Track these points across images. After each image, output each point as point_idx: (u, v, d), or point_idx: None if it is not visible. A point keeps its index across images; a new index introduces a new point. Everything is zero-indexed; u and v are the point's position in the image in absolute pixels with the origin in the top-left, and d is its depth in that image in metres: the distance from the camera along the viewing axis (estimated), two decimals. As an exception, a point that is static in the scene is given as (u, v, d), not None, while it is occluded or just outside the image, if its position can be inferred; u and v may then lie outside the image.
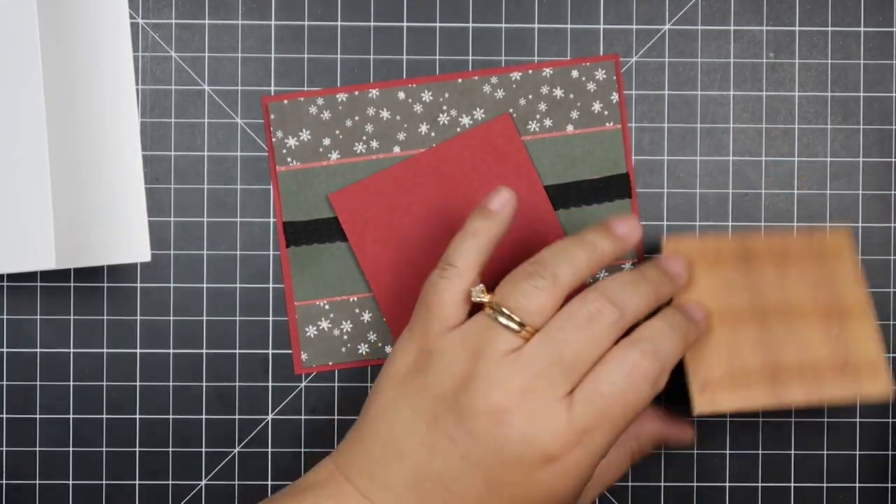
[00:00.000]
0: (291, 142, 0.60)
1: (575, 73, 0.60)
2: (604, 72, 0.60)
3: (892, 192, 0.61)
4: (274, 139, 0.60)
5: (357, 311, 0.60)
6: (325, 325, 0.60)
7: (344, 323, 0.60)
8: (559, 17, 0.60)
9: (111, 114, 0.59)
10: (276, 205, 0.60)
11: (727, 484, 0.61)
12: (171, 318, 0.60)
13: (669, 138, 0.60)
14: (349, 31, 0.60)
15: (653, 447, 0.58)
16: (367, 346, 0.60)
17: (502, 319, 0.51)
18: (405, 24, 0.60)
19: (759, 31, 0.60)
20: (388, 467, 0.52)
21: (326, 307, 0.60)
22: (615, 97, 0.60)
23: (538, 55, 0.60)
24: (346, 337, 0.60)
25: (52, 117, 0.55)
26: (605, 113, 0.60)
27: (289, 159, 0.60)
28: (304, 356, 0.60)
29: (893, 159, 0.61)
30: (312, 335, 0.60)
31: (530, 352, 0.51)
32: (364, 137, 0.60)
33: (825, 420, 0.61)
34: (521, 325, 0.51)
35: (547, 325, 0.51)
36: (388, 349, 0.60)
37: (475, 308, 0.54)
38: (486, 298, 0.52)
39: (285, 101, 0.60)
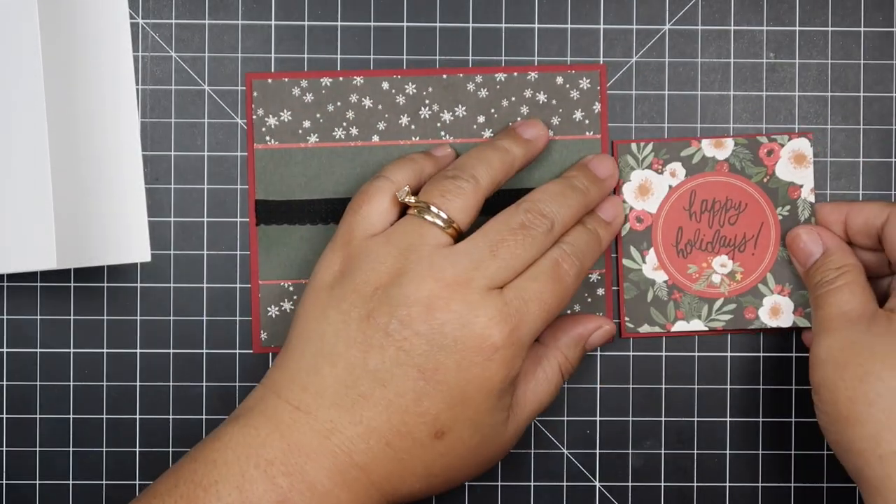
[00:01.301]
0: (271, 121, 0.60)
1: (559, 80, 0.60)
2: (588, 81, 0.60)
3: (893, 192, 0.61)
4: (254, 116, 0.60)
5: None
6: (287, 306, 0.60)
7: None
8: (559, 17, 0.60)
9: (111, 114, 0.59)
10: (249, 182, 0.60)
11: (727, 484, 0.61)
12: (171, 318, 0.60)
13: (669, 137, 0.60)
14: (349, 31, 0.60)
15: (580, 353, 0.58)
16: None
17: (429, 217, 0.54)
18: (405, 24, 0.60)
19: (759, 31, 0.60)
20: (321, 374, 0.52)
21: (290, 289, 0.60)
22: (597, 107, 0.60)
23: (538, 55, 0.60)
24: None
25: (53, 117, 0.55)
26: (586, 122, 0.60)
27: (267, 138, 0.60)
28: (263, 336, 0.60)
29: (893, 159, 0.61)
30: (274, 315, 0.60)
31: (465, 246, 0.53)
32: (344, 124, 0.60)
33: (825, 420, 0.61)
34: (447, 222, 0.54)
35: (483, 228, 0.54)
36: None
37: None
38: (412, 199, 0.55)
39: (269, 80, 0.60)
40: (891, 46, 0.61)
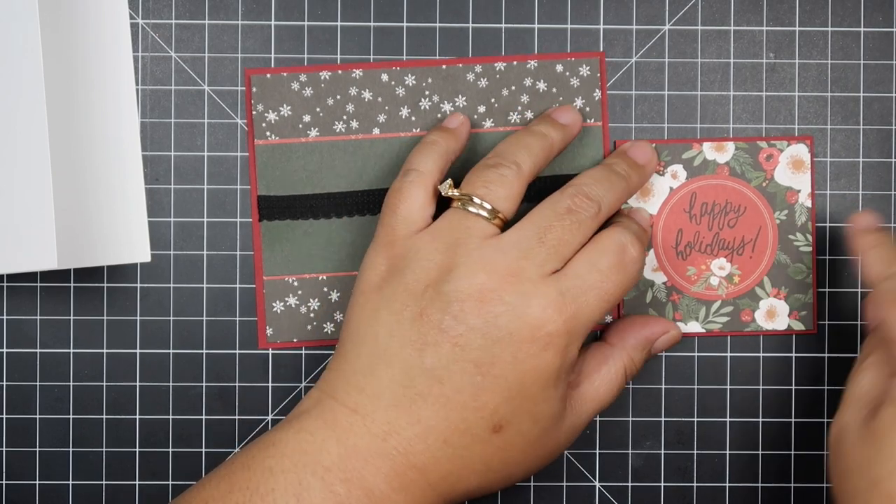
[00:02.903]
0: (271, 116, 0.60)
1: (559, 68, 0.60)
2: (588, 68, 0.60)
3: (892, 193, 0.61)
4: (254, 112, 0.60)
5: (325, 289, 0.60)
6: (292, 301, 0.60)
7: (311, 301, 0.60)
8: (559, 17, 0.60)
9: (111, 114, 0.59)
10: (251, 177, 0.60)
11: (727, 484, 0.61)
12: (171, 318, 0.60)
13: (669, 139, 0.60)
14: (349, 31, 0.60)
15: (646, 356, 0.58)
16: (332, 325, 0.60)
17: (473, 208, 0.53)
18: (405, 24, 0.60)
19: (759, 31, 0.60)
20: (377, 375, 0.52)
21: (295, 284, 0.60)
22: (598, 94, 0.60)
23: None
24: (312, 315, 0.60)
25: (53, 118, 0.55)
26: (587, 109, 0.60)
27: (267, 133, 0.60)
28: (269, 331, 0.60)
29: (893, 159, 0.61)
30: (279, 311, 0.60)
31: (513, 235, 0.53)
32: (344, 117, 0.60)
33: (825, 420, 0.61)
34: (492, 212, 0.53)
35: (529, 214, 0.53)
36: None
37: (437, 215, 0.55)
38: (454, 192, 0.54)
39: (268, 76, 0.60)
40: (891, 46, 0.61)
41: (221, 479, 0.52)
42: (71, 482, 0.60)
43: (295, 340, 0.60)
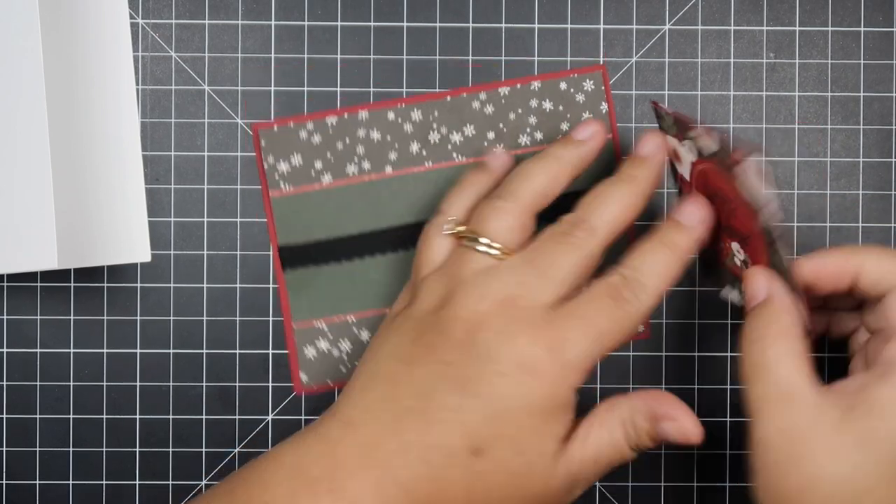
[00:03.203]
0: (283, 167, 0.60)
1: (563, 86, 0.60)
2: (592, 83, 0.60)
3: (892, 192, 0.61)
4: (266, 165, 0.60)
5: (355, 330, 0.60)
6: (323, 345, 0.60)
7: (342, 342, 0.60)
8: (559, 17, 0.60)
9: (111, 114, 0.59)
10: (269, 229, 0.60)
11: (727, 484, 0.61)
12: (171, 318, 0.60)
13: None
14: (349, 31, 0.60)
15: (647, 428, 0.54)
16: None
17: (474, 244, 0.54)
18: (405, 24, 0.60)
19: (759, 31, 0.60)
20: (370, 390, 0.53)
21: (324, 328, 0.60)
22: (604, 107, 0.60)
23: (538, 55, 0.60)
24: (345, 357, 0.60)
25: (54, 117, 0.55)
26: None
27: (281, 184, 0.60)
28: (303, 377, 0.60)
29: (893, 159, 0.61)
30: (312, 357, 0.60)
31: (508, 263, 0.53)
32: (356, 159, 0.60)
33: (825, 420, 0.61)
34: (490, 245, 0.54)
35: (526, 245, 0.54)
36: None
37: None
38: (458, 229, 0.55)
39: (275, 128, 0.60)
40: (891, 46, 0.61)
41: (224, 496, 0.52)
42: (71, 482, 0.60)
43: (329, 383, 0.60)
